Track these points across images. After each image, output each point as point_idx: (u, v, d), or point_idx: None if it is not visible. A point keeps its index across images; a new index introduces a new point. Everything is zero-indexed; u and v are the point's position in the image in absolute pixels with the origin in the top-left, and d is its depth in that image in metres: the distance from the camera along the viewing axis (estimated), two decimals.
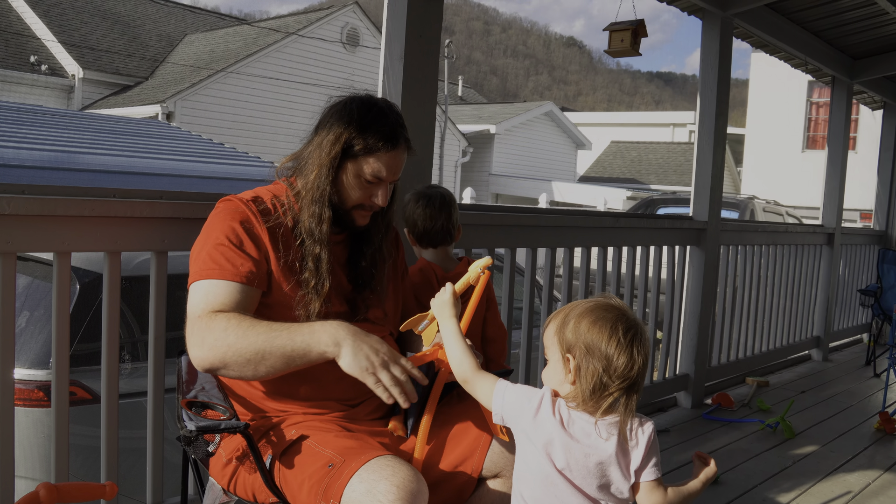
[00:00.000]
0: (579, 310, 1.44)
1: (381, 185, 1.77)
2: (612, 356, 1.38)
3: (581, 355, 1.40)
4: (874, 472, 3.55)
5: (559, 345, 1.43)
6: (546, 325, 1.51)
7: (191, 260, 1.69)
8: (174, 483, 2.24)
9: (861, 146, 17.25)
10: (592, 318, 1.41)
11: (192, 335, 1.58)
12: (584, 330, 1.40)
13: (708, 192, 4.45)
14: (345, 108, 1.75)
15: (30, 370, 2.58)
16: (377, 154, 1.73)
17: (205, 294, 1.61)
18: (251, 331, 1.54)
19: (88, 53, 17.45)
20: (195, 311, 1.60)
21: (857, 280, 7.12)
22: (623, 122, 32.66)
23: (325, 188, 1.72)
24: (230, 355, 1.53)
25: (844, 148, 6.32)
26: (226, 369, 1.56)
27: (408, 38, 2.57)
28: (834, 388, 5.23)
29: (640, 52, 3.78)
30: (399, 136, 1.76)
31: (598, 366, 1.38)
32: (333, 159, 1.71)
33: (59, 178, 3.39)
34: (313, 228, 1.72)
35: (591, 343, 1.39)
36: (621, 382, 1.38)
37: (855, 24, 5.30)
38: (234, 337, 1.53)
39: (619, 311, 1.42)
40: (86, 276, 2.76)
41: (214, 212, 1.74)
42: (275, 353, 1.53)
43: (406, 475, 1.40)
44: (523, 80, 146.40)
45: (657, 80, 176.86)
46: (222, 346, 1.53)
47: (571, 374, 1.41)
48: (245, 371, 1.56)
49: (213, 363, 1.55)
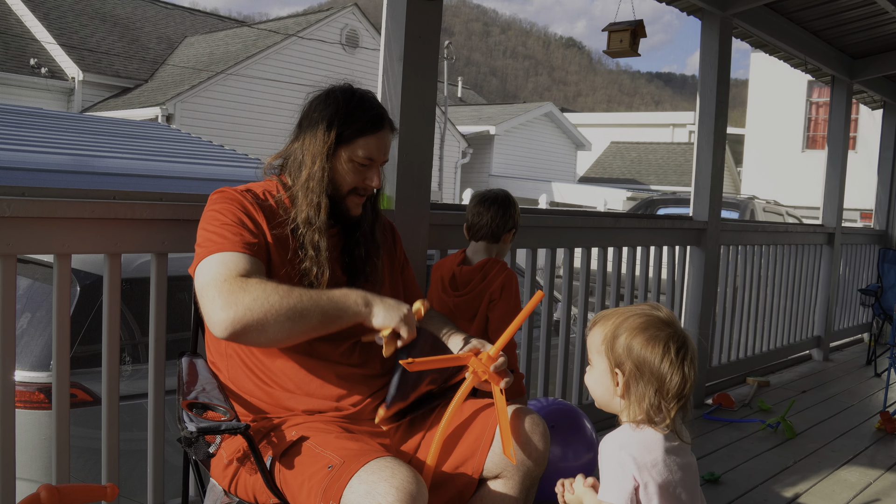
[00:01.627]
0: (631, 325, 1.41)
1: (373, 167, 1.82)
2: (665, 376, 1.37)
3: (631, 373, 1.39)
4: (875, 471, 3.55)
5: (608, 358, 1.42)
6: (591, 328, 1.49)
7: (196, 245, 1.69)
8: (175, 484, 2.24)
9: (861, 146, 17.25)
10: (645, 337, 1.39)
11: (218, 298, 1.54)
12: (637, 348, 1.38)
13: (708, 193, 4.45)
14: (328, 98, 1.80)
15: (31, 372, 2.58)
16: (367, 136, 1.78)
17: (221, 263, 1.60)
18: (293, 292, 1.57)
19: (88, 56, 17.47)
20: (217, 278, 1.57)
21: (858, 280, 7.11)
22: (623, 122, 32.65)
23: (323, 176, 1.75)
24: (272, 314, 1.52)
25: (844, 147, 6.31)
26: (259, 330, 1.53)
27: (407, 40, 2.57)
28: (835, 388, 5.23)
29: (639, 52, 3.78)
30: (384, 117, 1.83)
31: (650, 386, 1.38)
32: (329, 147, 1.75)
33: (60, 180, 3.40)
34: (312, 216, 1.74)
35: (644, 362, 1.38)
36: (677, 402, 1.38)
37: (854, 24, 5.30)
38: (276, 297, 1.54)
39: (672, 328, 1.41)
40: (86, 279, 2.76)
41: (210, 203, 1.76)
42: (314, 313, 1.57)
43: (405, 477, 1.40)
44: (523, 81, 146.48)
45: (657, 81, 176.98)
46: (264, 306, 1.52)
47: (620, 388, 1.40)
48: (280, 332, 1.54)
49: (247, 323, 1.51)
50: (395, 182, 2.58)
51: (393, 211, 2.57)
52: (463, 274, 2.52)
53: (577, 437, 2.79)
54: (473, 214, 2.55)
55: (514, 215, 2.58)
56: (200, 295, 1.59)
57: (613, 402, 1.44)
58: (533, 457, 1.72)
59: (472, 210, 2.56)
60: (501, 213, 2.54)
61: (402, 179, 2.59)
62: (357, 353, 1.78)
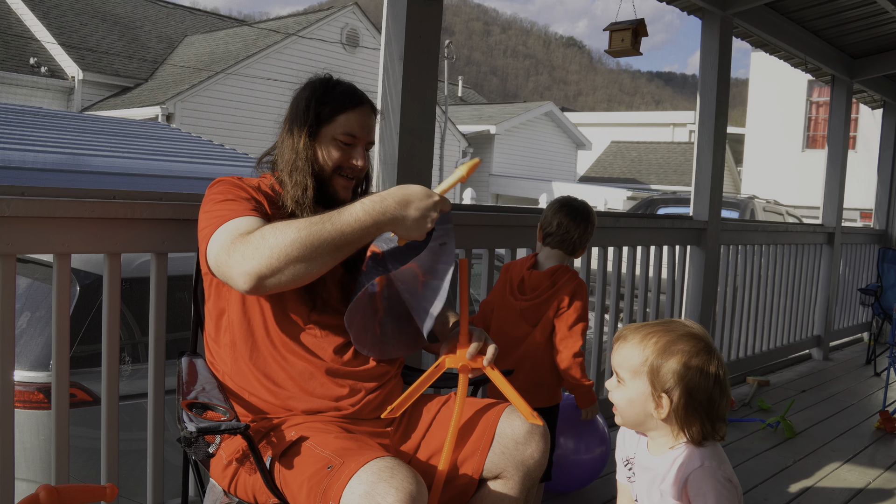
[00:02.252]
0: (680, 348, 1.39)
1: (357, 146, 1.82)
2: (715, 400, 1.39)
3: (681, 398, 1.38)
4: (875, 470, 3.55)
5: (650, 382, 1.39)
6: (621, 343, 1.46)
7: (201, 230, 1.68)
8: (175, 485, 2.24)
9: (861, 145, 17.25)
10: (699, 362, 1.38)
11: (232, 258, 1.53)
12: (690, 376, 1.37)
13: (708, 192, 4.45)
14: (307, 86, 1.84)
15: (30, 372, 2.58)
16: (346, 112, 1.80)
17: (226, 232, 1.59)
18: (290, 228, 1.52)
19: (88, 55, 17.47)
20: (226, 243, 1.56)
21: (858, 279, 7.11)
22: (623, 122, 32.65)
23: (306, 157, 1.77)
24: (277, 257, 1.48)
25: (844, 147, 6.31)
26: (278, 275, 1.50)
27: (407, 39, 2.57)
28: (834, 388, 5.23)
29: (640, 51, 3.78)
30: (362, 95, 1.85)
31: (700, 409, 1.38)
32: (310, 128, 1.78)
33: (60, 179, 3.39)
34: (299, 197, 1.75)
35: (698, 389, 1.37)
36: (722, 424, 1.41)
37: (854, 24, 5.30)
38: (273, 239, 1.50)
39: (715, 350, 1.41)
40: (86, 278, 2.75)
41: (208, 191, 1.76)
42: (323, 246, 1.51)
43: (405, 477, 1.39)
44: (523, 80, 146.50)
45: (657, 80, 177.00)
46: (265, 251, 1.49)
47: (665, 411, 1.39)
48: (298, 270, 1.50)
49: (261, 272, 1.49)
50: (396, 182, 2.57)
51: None
52: (533, 279, 2.51)
53: (589, 431, 2.84)
54: (559, 225, 2.50)
55: (593, 231, 2.58)
56: (217, 268, 1.59)
57: (648, 423, 1.43)
58: (533, 457, 1.71)
59: (557, 220, 2.51)
60: (588, 230, 2.54)
61: (402, 179, 2.59)
62: (352, 350, 1.78)
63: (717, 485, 1.38)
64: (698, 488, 1.38)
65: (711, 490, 1.37)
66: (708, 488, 1.37)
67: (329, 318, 1.76)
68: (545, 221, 2.56)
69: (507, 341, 2.44)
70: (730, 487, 1.38)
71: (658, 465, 1.46)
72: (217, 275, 1.62)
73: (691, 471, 1.39)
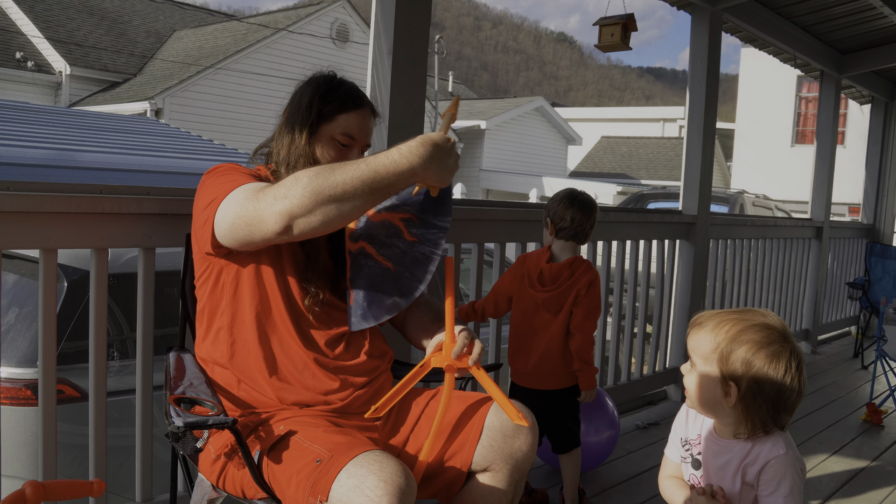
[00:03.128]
0: (750, 339, 1.40)
1: (354, 148, 1.83)
2: (784, 392, 1.39)
3: (748, 388, 1.39)
4: (861, 462, 3.58)
5: (720, 369, 1.41)
6: (695, 329, 1.47)
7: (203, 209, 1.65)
8: (163, 480, 2.24)
9: (849, 141, 17.35)
10: (767, 354, 1.38)
11: (261, 202, 1.49)
12: (758, 365, 1.38)
13: (697, 187, 4.46)
14: (310, 82, 1.84)
15: (17, 368, 2.56)
16: (347, 113, 1.80)
17: (245, 189, 1.56)
18: (325, 169, 1.49)
19: (76, 50, 17.35)
20: (248, 195, 1.53)
21: (846, 273, 7.16)
22: (614, 117, 32.70)
23: (304, 152, 1.77)
24: (311, 194, 1.45)
25: (833, 142, 6.34)
26: (311, 215, 1.46)
27: (396, 33, 2.56)
28: (822, 381, 5.26)
29: (630, 46, 3.78)
30: (363, 97, 1.85)
31: (767, 400, 1.39)
32: (310, 124, 1.78)
33: (46, 175, 3.38)
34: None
35: (765, 380, 1.38)
36: (789, 415, 1.43)
37: (843, 19, 5.33)
38: (307, 178, 1.46)
39: (791, 342, 1.41)
40: (74, 274, 2.74)
41: (205, 177, 1.74)
42: (358, 186, 1.47)
43: (394, 470, 1.39)
44: (514, 75, 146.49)
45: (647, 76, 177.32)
46: (299, 190, 1.46)
47: (732, 399, 1.40)
48: (330, 211, 1.46)
49: (294, 211, 1.46)
50: None
51: None
52: (553, 271, 2.66)
53: (599, 414, 2.98)
54: (573, 220, 2.64)
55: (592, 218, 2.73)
56: (238, 221, 1.54)
57: (717, 410, 1.45)
58: (522, 450, 1.72)
59: (570, 214, 2.64)
60: (595, 220, 2.71)
61: None
62: (344, 344, 1.78)
63: (794, 473, 1.41)
64: (775, 473, 1.40)
65: (788, 477, 1.40)
66: (784, 475, 1.40)
67: (322, 311, 1.76)
68: (556, 217, 2.68)
69: (528, 330, 2.68)
70: (802, 478, 1.42)
71: (734, 450, 1.47)
72: (233, 232, 1.56)
73: (774, 456, 1.41)
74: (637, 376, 4.21)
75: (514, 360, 2.74)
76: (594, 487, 3.06)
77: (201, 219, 1.66)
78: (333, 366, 1.74)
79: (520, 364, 2.71)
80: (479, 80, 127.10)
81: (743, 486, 1.45)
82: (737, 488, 1.46)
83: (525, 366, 2.69)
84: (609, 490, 3.05)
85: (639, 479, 3.16)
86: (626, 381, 4.11)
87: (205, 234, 1.64)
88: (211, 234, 1.62)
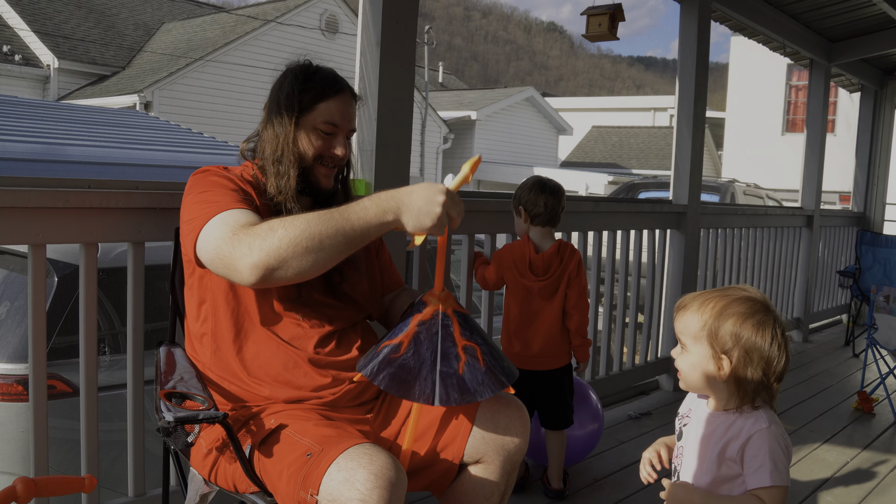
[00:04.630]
0: (735, 311, 1.44)
1: (338, 135, 1.80)
2: (773, 359, 1.43)
3: (739, 360, 1.43)
4: (853, 450, 3.60)
5: (710, 345, 1.45)
6: (680, 312, 1.52)
7: (187, 221, 1.65)
8: (156, 475, 2.24)
9: (840, 129, 17.41)
10: (753, 323, 1.43)
11: (236, 249, 1.50)
12: (746, 335, 1.43)
13: (687, 176, 4.46)
14: (286, 74, 1.82)
15: (8, 364, 2.55)
16: (326, 100, 1.77)
17: (224, 222, 1.56)
18: (298, 220, 1.50)
19: (64, 43, 17.22)
20: (226, 234, 1.53)
21: (836, 261, 7.18)
22: (604, 106, 32.68)
23: (288, 148, 1.75)
24: (286, 247, 1.47)
25: (823, 131, 6.36)
26: (285, 267, 1.48)
27: (384, 24, 2.55)
28: (814, 369, 5.29)
29: (617, 36, 3.78)
30: (342, 82, 1.82)
31: (758, 370, 1.43)
32: (291, 118, 1.76)
33: (34, 169, 3.35)
34: (282, 185, 1.73)
35: (754, 348, 1.42)
36: (779, 382, 1.46)
37: (832, 7, 5.33)
38: (282, 230, 1.48)
39: (773, 311, 1.46)
40: (64, 269, 2.73)
41: (192, 181, 1.73)
42: (333, 237, 1.49)
43: (384, 463, 1.40)
44: (504, 65, 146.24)
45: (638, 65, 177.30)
46: (274, 241, 1.47)
47: (725, 373, 1.44)
48: (305, 262, 1.48)
49: (269, 263, 1.47)
50: (374, 168, 2.56)
51: None
52: (544, 259, 2.76)
53: (583, 408, 3.02)
54: (546, 205, 2.74)
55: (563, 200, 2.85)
56: (216, 260, 1.55)
57: (712, 386, 1.49)
58: (514, 441, 1.72)
59: (543, 200, 2.74)
60: (564, 202, 2.82)
61: (380, 166, 2.58)
62: (335, 340, 1.77)
63: (777, 447, 1.44)
64: (758, 448, 1.43)
65: (769, 451, 1.43)
66: (767, 449, 1.43)
67: (313, 310, 1.76)
68: (529, 204, 2.76)
69: (524, 317, 2.79)
70: (786, 454, 1.45)
71: (717, 421, 1.51)
72: (213, 267, 1.58)
73: (757, 430, 1.45)
74: (629, 366, 4.22)
75: (513, 346, 2.82)
76: (586, 478, 3.08)
77: (185, 229, 1.66)
78: (325, 362, 1.74)
79: (521, 350, 2.80)
80: (469, 70, 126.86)
81: (723, 461, 1.48)
82: (714, 456, 1.49)
83: (528, 351, 2.79)
84: (601, 480, 3.06)
85: (630, 469, 3.17)
86: (619, 371, 4.12)
87: (188, 246, 1.65)
88: (194, 251, 1.63)
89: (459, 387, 1.56)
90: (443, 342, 1.60)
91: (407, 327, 1.64)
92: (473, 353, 1.61)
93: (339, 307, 1.81)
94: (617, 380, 4.09)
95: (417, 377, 1.56)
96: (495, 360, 1.63)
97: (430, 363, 1.57)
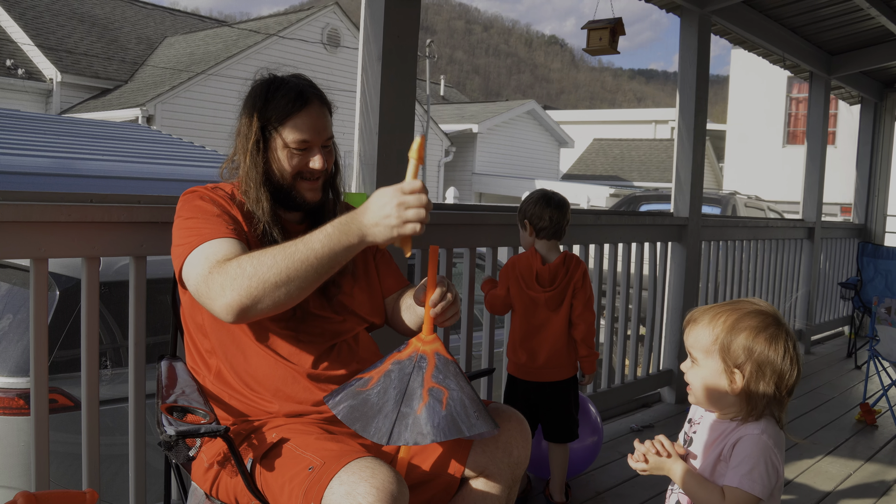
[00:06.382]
0: (748, 325, 1.44)
1: (313, 149, 1.75)
2: (786, 373, 1.43)
3: (752, 373, 1.43)
4: (855, 462, 3.59)
5: (722, 359, 1.45)
6: (693, 325, 1.51)
7: (174, 247, 1.67)
8: (157, 489, 2.23)
9: (840, 141, 17.42)
10: (766, 337, 1.43)
11: (211, 289, 1.52)
12: (759, 349, 1.42)
13: (688, 189, 4.47)
14: (250, 93, 1.78)
15: (10, 378, 2.56)
16: (292, 118, 1.71)
17: (204, 256, 1.58)
18: (265, 255, 1.51)
19: (66, 57, 17.30)
20: (203, 271, 1.55)
21: (838, 273, 7.18)
22: (605, 119, 32.76)
23: (258, 171, 1.72)
24: (256, 286, 1.48)
25: (823, 143, 6.37)
26: (259, 304, 1.50)
27: (385, 39, 2.57)
28: (816, 381, 5.28)
29: (618, 50, 3.80)
30: (307, 93, 1.74)
31: (770, 383, 1.43)
32: (256, 142, 1.72)
33: (37, 183, 3.37)
34: (258, 212, 1.73)
35: (767, 362, 1.42)
36: (790, 395, 1.46)
37: (831, 20, 5.35)
38: (251, 268, 1.50)
39: (784, 324, 1.46)
40: (67, 283, 2.74)
41: (181, 203, 1.74)
42: (300, 268, 1.50)
43: (386, 477, 1.39)
44: (505, 78, 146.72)
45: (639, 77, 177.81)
46: (244, 281, 1.49)
47: (737, 386, 1.44)
48: (278, 296, 1.50)
49: (242, 302, 1.49)
50: (375, 182, 2.58)
51: None
52: (550, 270, 2.78)
53: (583, 420, 3.01)
54: (551, 219, 2.76)
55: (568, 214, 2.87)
56: (197, 297, 1.58)
57: (724, 400, 1.48)
58: (515, 456, 1.72)
59: (548, 214, 2.76)
60: (569, 215, 2.84)
61: (381, 179, 2.59)
62: (335, 354, 1.77)
63: (759, 456, 1.42)
64: (742, 449, 1.44)
65: (753, 457, 1.42)
66: (748, 452, 1.43)
67: (310, 324, 1.75)
68: (535, 218, 2.78)
69: (530, 328, 2.80)
70: (769, 466, 1.42)
71: (723, 428, 1.51)
72: (198, 299, 1.59)
73: (748, 434, 1.45)
74: (631, 378, 4.22)
75: (518, 357, 2.83)
76: (588, 491, 3.07)
77: (174, 253, 1.67)
78: (325, 377, 1.74)
79: (526, 361, 2.80)
80: (470, 83, 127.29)
81: (718, 462, 1.48)
82: (712, 460, 1.50)
83: (534, 362, 2.79)
84: (603, 493, 3.06)
85: (633, 482, 3.16)
86: (620, 383, 4.12)
87: (177, 271, 1.66)
88: (179, 274, 1.64)
89: (412, 427, 1.48)
90: (411, 382, 1.55)
91: (381, 363, 1.61)
92: (439, 396, 1.52)
93: (337, 320, 1.81)
94: (619, 392, 4.08)
95: (378, 414, 1.52)
96: (464, 408, 1.51)
97: (393, 402, 1.53)
